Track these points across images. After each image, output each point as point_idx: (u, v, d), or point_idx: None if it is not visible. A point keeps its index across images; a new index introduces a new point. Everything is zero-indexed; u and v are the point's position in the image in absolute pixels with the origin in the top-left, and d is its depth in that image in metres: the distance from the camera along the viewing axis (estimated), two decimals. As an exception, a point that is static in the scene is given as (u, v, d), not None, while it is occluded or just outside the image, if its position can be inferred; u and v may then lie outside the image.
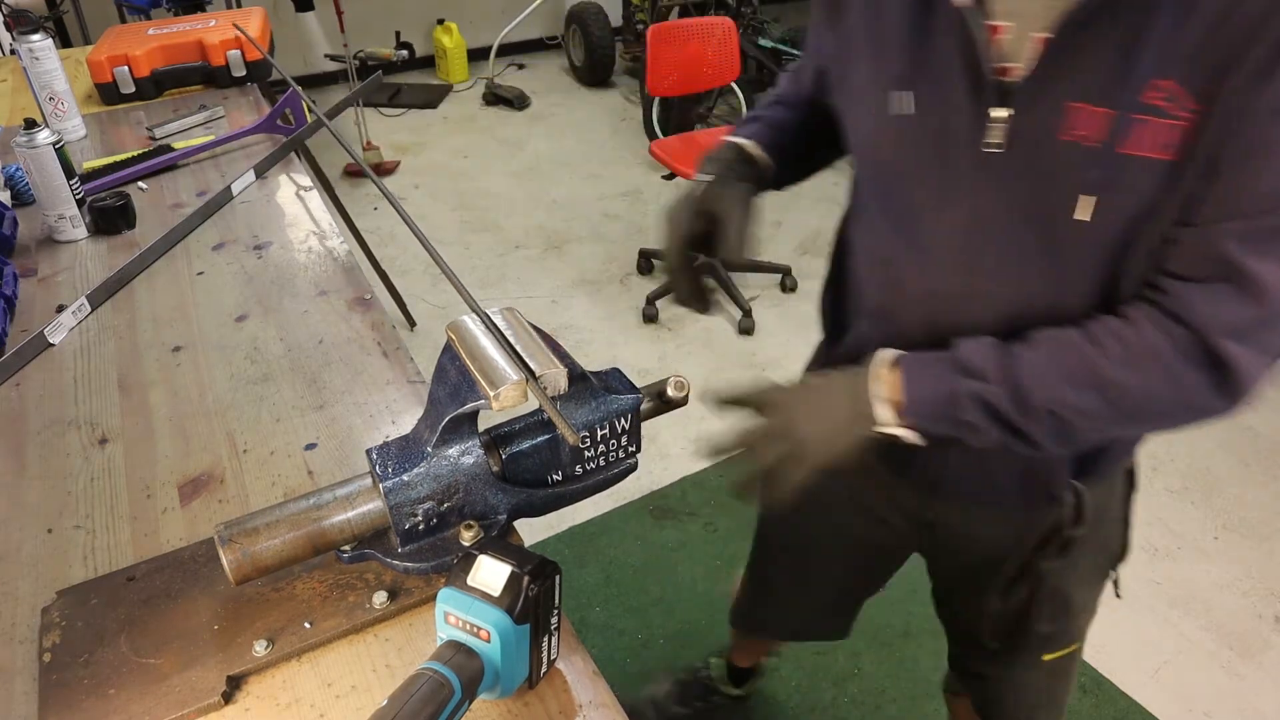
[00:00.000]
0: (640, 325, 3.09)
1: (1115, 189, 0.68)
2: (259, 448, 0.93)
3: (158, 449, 0.93)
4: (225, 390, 1.02)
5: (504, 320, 0.76)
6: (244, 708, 0.66)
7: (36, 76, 1.65)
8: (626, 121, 4.89)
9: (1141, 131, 0.65)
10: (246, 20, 2.06)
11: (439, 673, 0.59)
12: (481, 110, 5.12)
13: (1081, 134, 0.67)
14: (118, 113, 1.92)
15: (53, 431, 0.96)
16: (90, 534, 0.83)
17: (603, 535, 2.22)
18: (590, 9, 5.22)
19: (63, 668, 0.68)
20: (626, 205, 3.97)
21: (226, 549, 0.69)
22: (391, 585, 0.74)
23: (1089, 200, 0.68)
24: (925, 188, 0.79)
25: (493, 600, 0.61)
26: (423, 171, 4.33)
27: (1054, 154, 0.70)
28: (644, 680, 1.80)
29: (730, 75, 3.31)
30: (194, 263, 1.29)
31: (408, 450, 0.74)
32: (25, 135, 1.27)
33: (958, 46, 0.72)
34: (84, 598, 0.74)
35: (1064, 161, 0.69)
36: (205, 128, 1.80)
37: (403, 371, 1.03)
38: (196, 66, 2.00)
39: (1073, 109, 0.67)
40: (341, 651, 0.70)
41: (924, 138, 0.77)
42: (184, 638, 0.71)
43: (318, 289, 1.21)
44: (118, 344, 1.11)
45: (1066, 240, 0.72)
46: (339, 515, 0.73)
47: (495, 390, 0.67)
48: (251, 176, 1.53)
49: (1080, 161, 0.68)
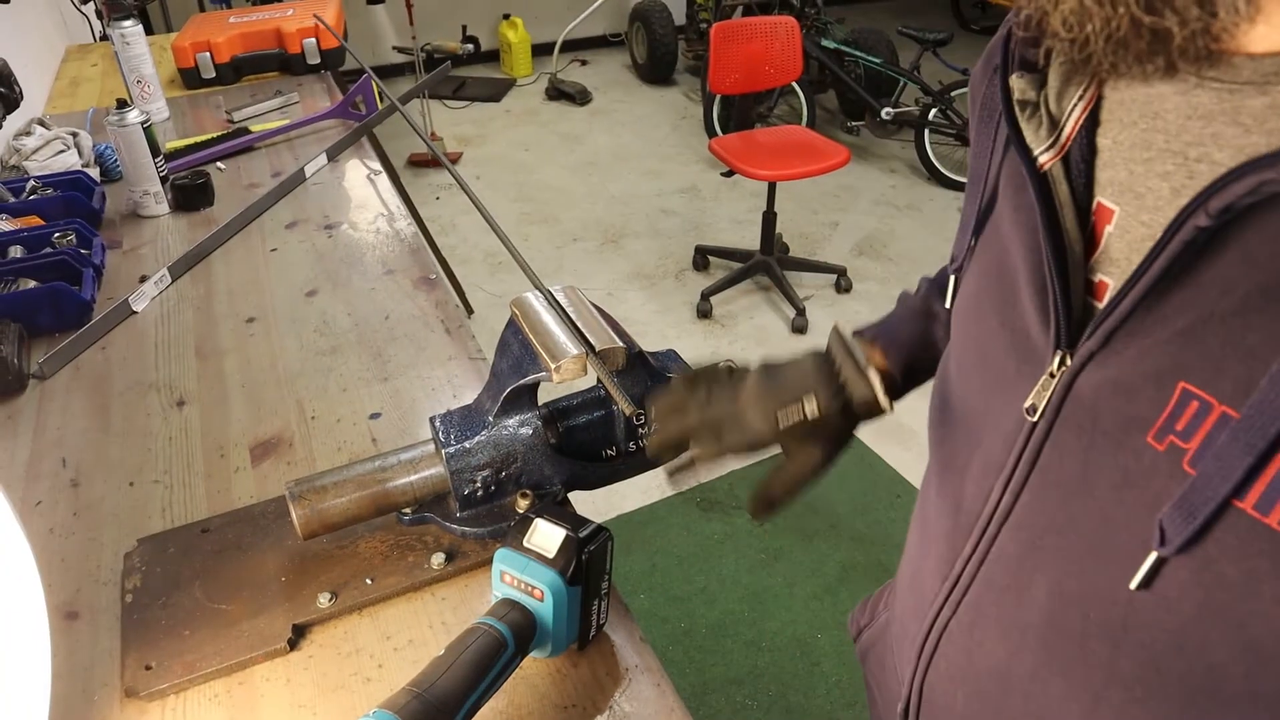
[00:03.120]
0: (694, 320, 3.11)
1: (1209, 564, 0.39)
2: (326, 415, 0.97)
3: (231, 413, 0.98)
4: (295, 360, 1.06)
5: (565, 297, 0.78)
6: (307, 655, 0.70)
7: (126, 60, 1.73)
8: (687, 119, 4.90)
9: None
10: (322, 10, 2.13)
11: (494, 627, 0.61)
12: (543, 104, 5.18)
13: (1183, 444, 0.39)
14: (198, 96, 1.99)
15: (135, 393, 1.01)
16: (168, 488, 0.87)
17: (650, 524, 2.24)
18: (654, 7, 5.25)
19: (142, 609, 0.73)
20: (684, 202, 3.98)
21: (296, 504, 0.73)
22: (449, 548, 0.77)
23: (1151, 561, 0.41)
24: (966, 426, 0.56)
25: (547, 561, 0.64)
26: (484, 163, 4.40)
27: (1124, 463, 0.42)
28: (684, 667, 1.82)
29: (792, 75, 3.31)
30: (268, 239, 1.35)
31: (470, 419, 0.77)
32: (117, 114, 1.33)
33: (1029, 231, 0.47)
34: (162, 546, 0.79)
35: (1134, 483, 0.42)
36: (280, 112, 1.87)
37: (464, 348, 1.07)
38: (274, 54, 2.07)
39: (1185, 393, 0.39)
40: (400, 607, 0.74)
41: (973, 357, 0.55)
42: (253, 587, 0.74)
43: (384, 268, 1.25)
44: (195, 313, 1.16)
45: (1113, 619, 0.44)
46: (402, 478, 0.76)
47: (556, 363, 0.70)
48: (324, 160, 1.58)
49: (1168, 490, 0.40)
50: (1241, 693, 0.40)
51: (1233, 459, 0.36)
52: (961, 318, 0.57)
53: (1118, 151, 0.43)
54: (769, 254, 3.21)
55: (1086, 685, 0.47)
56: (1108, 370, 0.42)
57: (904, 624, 0.67)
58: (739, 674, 1.88)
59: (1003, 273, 0.51)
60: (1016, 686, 0.52)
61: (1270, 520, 0.36)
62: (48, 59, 2.31)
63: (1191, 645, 0.41)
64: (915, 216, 3.79)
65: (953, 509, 0.56)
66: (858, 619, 0.86)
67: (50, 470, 0.90)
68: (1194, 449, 0.38)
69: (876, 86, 4.16)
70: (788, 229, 3.62)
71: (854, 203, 3.92)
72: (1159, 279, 0.39)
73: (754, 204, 3.88)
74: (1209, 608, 0.39)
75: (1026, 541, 0.49)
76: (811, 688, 1.85)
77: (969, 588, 0.54)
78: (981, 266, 0.54)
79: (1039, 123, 0.47)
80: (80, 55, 2.41)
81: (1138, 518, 0.41)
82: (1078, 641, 0.47)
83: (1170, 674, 0.42)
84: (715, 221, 3.81)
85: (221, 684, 0.68)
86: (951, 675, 0.58)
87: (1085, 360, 0.43)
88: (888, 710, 0.72)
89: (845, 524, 2.24)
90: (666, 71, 5.36)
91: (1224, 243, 0.37)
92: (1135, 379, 0.41)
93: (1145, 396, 0.40)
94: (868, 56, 4.12)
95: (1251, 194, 0.35)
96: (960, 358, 0.57)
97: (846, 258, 3.48)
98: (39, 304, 1.10)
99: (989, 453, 0.52)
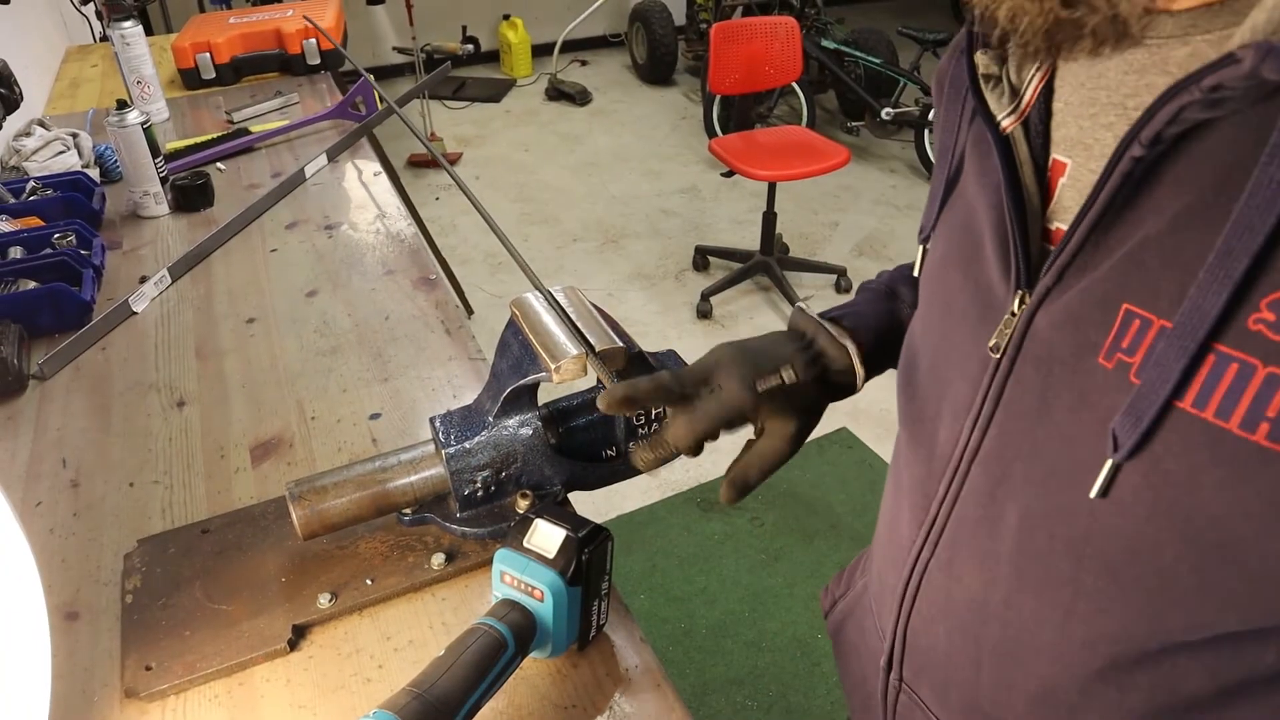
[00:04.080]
0: (694, 321, 3.11)
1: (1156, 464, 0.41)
2: (326, 415, 0.97)
3: (231, 413, 0.98)
4: (295, 360, 1.06)
5: (565, 298, 0.78)
6: (308, 655, 0.70)
7: (126, 61, 1.73)
8: (686, 119, 4.90)
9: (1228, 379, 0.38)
10: (322, 11, 2.13)
11: (494, 628, 0.61)
12: (543, 105, 5.18)
13: (1129, 359, 0.42)
14: (198, 97, 1.99)
15: (135, 393, 1.01)
16: (168, 489, 0.87)
17: (650, 525, 2.24)
18: (654, 7, 5.25)
19: (142, 609, 0.73)
20: (684, 202, 3.98)
21: (296, 504, 0.73)
22: (449, 548, 0.77)
23: (1107, 469, 0.43)
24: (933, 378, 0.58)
25: (547, 562, 0.64)
26: (484, 163, 4.40)
27: (1079, 384, 0.45)
28: (684, 668, 1.82)
29: (792, 75, 3.31)
30: (268, 240, 1.35)
31: (469, 419, 0.77)
32: (117, 115, 1.33)
33: (992, 189, 0.51)
34: (162, 546, 0.79)
35: (1088, 400, 0.44)
36: (280, 113, 1.87)
37: (464, 349, 1.07)
38: (273, 54, 2.07)
39: (1128, 313, 0.42)
40: (400, 608, 0.74)
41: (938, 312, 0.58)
42: (253, 587, 0.74)
43: (384, 268, 1.25)
44: (195, 314, 1.16)
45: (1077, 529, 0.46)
46: (402, 478, 0.76)
47: (556, 363, 0.70)
48: (324, 160, 1.59)
49: (1118, 403, 0.42)
50: (1191, 588, 0.43)
51: (1169, 363, 0.39)
52: (928, 281, 0.61)
53: (1069, 111, 0.48)
54: (769, 254, 3.21)
55: (1056, 602, 0.49)
56: (1061, 303, 0.46)
57: (883, 578, 0.68)
58: (739, 674, 1.88)
59: (968, 232, 0.54)
60: (993, 614, 0.54)
61: (1206, 414, 0.39)
62: (48, 60, 2.31)
63: (1145, 548, 0.44)
64: (915, 217, 3.79)
65: (926, 457, 0.59)
66: (832, 592, 0.86)
67: (50, 471, 0.90)
68: (1138, 362, 0.42)
69: (876, 87, 4.16)
70: (788, 229, 3.63)
71: (854, 203, 3.93)
72: (1103, 213, 0.43)
73: (754, 204, 3.88)
74: (1158, 508, 0.42)
75: (995, 473, 0.51)
76: (812, 688, 1.85)
77: (945, 527, 0.57)
78: (948, 231, 0.58)
79: (1001, 92, 0.51)
80: (80, 56, 2.42)
81: (1094, 433, 0.44)
82: (1045, 560, 0.49)
83: (1127, 580, 0.45)
84: (715, 222, 3.81)
85: (221, 684, 0.68)
86: (932, 615, 0.60)
87: (1042, 297, 0.47)
88: (869, 669, 0.72)
89: (845, 524, 2.24)
90: (666, 72, 5.36)
91: (1157, 173, 0.41)
92: (1084, 308, 0.45)
93: (1093, 321, 0.44)
94: (867, 57, 4.12)
95: (1174, 122, 0.39)
96: (926, 316, 0.60)
97: (846, 258, 3.48)
98: (39, 305, 1.10)
99: (957, 396, 0.54)
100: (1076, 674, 0.50)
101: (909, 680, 0.65)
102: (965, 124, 0.55)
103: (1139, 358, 0.42)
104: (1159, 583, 0.44)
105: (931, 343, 0.59)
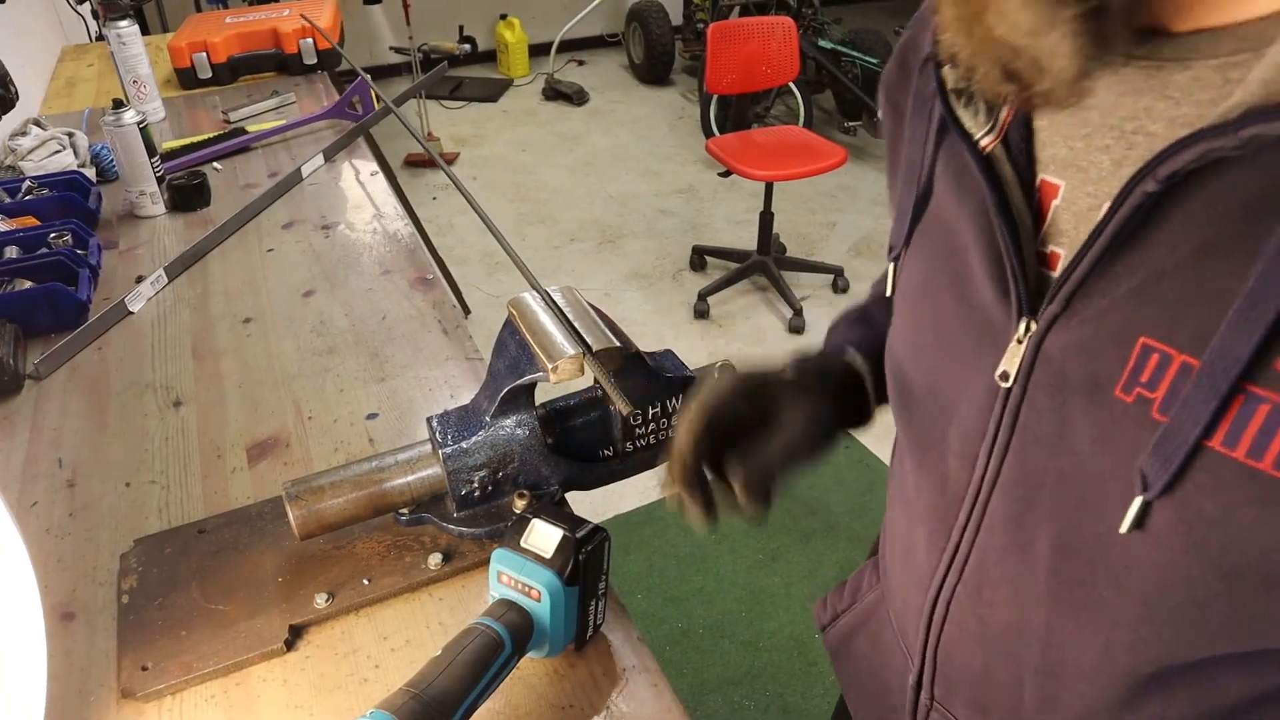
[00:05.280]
0: (691, 321, 3.11)
1: (1188, 502, 0.41)
2: (323, 415, 0.97)
3: (228, 413, 0.97)
4: (292, 360, 1.06)
5: (563, 298, 0.78)
6: (304, 655, 0.70)
7: (122, 61, 1.73)
8: (684, 119, 4.90)
9: (1259, 419, 0.38)
10: (319, 10, 2.13)
11: (491, 628, 0.61)
12: (541, 105, 5.18)
13: (1149, 394, 0.41)
14: (195, 97, 1.99)
15: (131, 393, 1.01)
16: (164, 489, 0.87)
17: (648, 525, 2.24)
18: (651, 7, 5.25)
19: (139, 609, 0.72)
20: (681, 202, 3.98)
21: (293, 505, 0.73)
22: (446, 548, 0.77)
23: (1137, 506, 0.42)
24: (934, 403, 0.56)
25: (544, 562, 0.64)
26: (481, 164, 4.40)
27: (1097, 418, 0.44)
28: (681, 668, 1.82)
29: (789, 75, 3.31)
30: (264, 240, 1.34)
31: (467, 419, 0.77)
32: (113, 114, 1.33)
33: (977, 211, 0.49)
34: (159, 547, 0.79)
35: (1109, 435, 0.43)
36: (277, 113, 1.87)
37: (461, 349, 1.07)
38: (270, 54, 2.07)
39: (1149, 348, 0.41)
40: (397, 608, 0.74)
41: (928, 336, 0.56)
42: (250, 587, 0.74)
43: (381, 268, 1.25)
44: (192, 314, 1.16)
45: (1112, 563, 0.46)
46: (399, 478, 0.76)
47: (553, 363, 0.70)
48: (320, 160, 1.58)
49: (1142, 439, 0.41)
50: (1231, 618, 0.42)
51: (1198, 404, 0.39)
52: (909, 303, 0.59)
53: (1055, 130, 0.47)
54: (766, 254, 3.21)
55: (1097, 629, 0.49)
56: (1071, 332, 0.45)
57: (904, 598, 0.66)
58: (736, 674, 1.88)
59: (950, 253, 0.53)
60: (1033, 638, 0.53)
61: (1237, 454, 0.38)
62: (44, 59, 2.31)
63: (1181, 581, 0.43)
64: (912, 217, 3.79)
65: (938, 483, 0.57)
66: (833, 605, 0.84)
67: (46, 471, 0.90)
68: (1160, 398, 0.41)
69: (873, 87, 4.14)
70: (785, 229, 3.63)
71: (851, 203, 3.93)
72: (1110, 243, 0.42)
73: (751, 204, 3.88)
74: (1192, 542, 0.41)
75: (1020, 500, 0.50)
76: (809, 688, 1.85)
77: (969, 555, 0.55)
78: (925, 251, 0.56)
79: (975, 110, 0.49)
80: (76, 55, 2.41)
81: (1119, 466, 0.43)
82: (1084, 588, 0.48)
83: (1165, 609, 0.44)
84: (712, 222, 3.81)
85: (218, 684, 0.68)
86: (965, 639, 0.59)
87: (1049, 324, 0.46)
88: (892, 683, 0.71)
89: (843, 525, 2.25)
90: (664, 72, 5.36)
91: (1168, 206, 0.40)
92: (1096, 338, 0.44)
93: (1108, 354, 0.43)
94: (865, 57, 4.13)
95: (1196, 160, 0.37)
96: (912, 339, 0.58)
97: (844, 258, 3.49)
98: (35, 304, 1.10)
99: (966, 423, 0.53)
100: (1120, 691, 0.50)
101: (941, 699, 0.64)
102: (932, 139, 0.53)
103: (1161, 393, 0.41)
104: (1199, 614, 0.43)
105: (925, 367, 0.57)
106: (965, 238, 0.51)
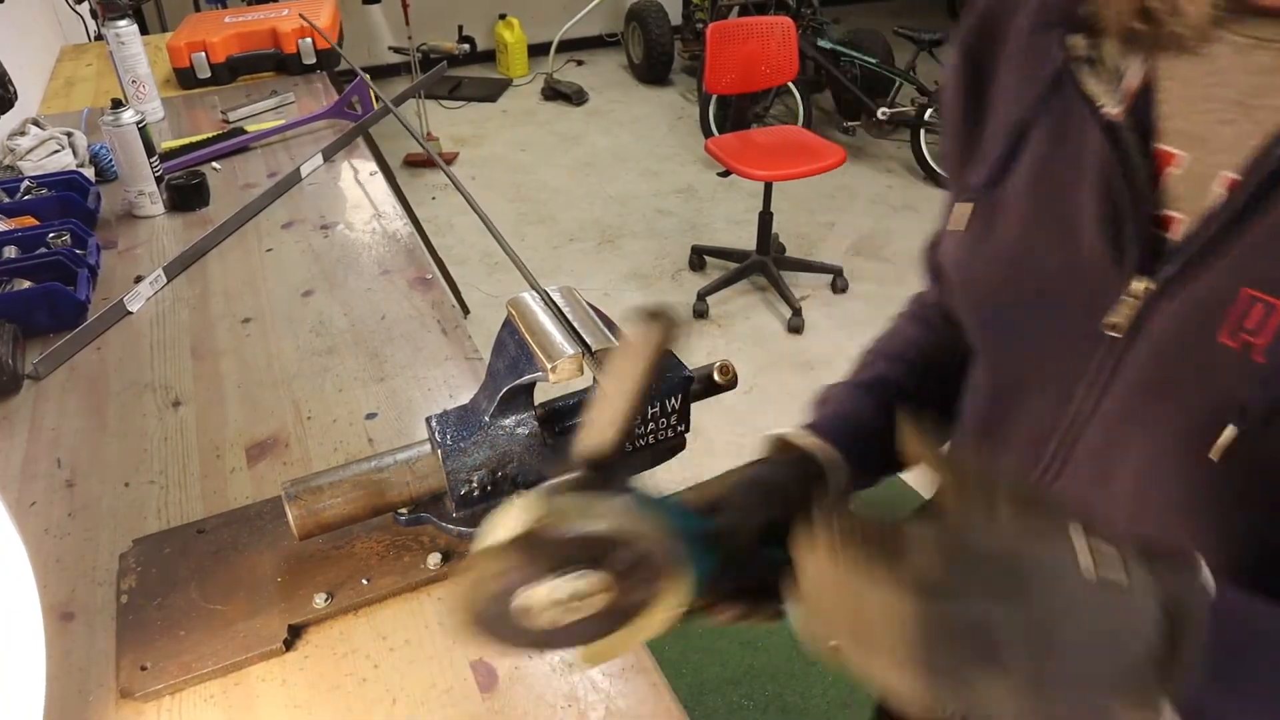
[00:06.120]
0: (690, 320, 3.11)
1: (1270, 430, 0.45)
2: (322, 415, 0.97)
3: (227, 413, 0.97)
4: (291, 360, 1.06)
5: (562, 297, 0.78)
6: (303, 655, 0.70)
7: (121, 60, 1.73)
8: (683, 119, 4.90)
9: None
10: (318, 10, 2.12)
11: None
12: (540, 105, 5.18)
13: (1253, 340, 0.45)
14: (194, 97, 1.99)
15: (130, 393, 1.01)
16: (164, 489, 0.87)
17: (646, 525, 2.24)
18: (650, 7, 5.25)
19: (138, 609, 0.72)
20: (681, 202, 3.99)
21: (292, 505, 0.73)
22: (445, 548, 0.77)
23: (1230, 435, 0.46)
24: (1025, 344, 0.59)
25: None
26: (481, 163, 4.40)
27: (1201, 361, 0.48)
28: (680, 667, 1.82)
29: (788, 75, 3.32)
30: (264, 240, 1.34)
31: (466, 419, 0.77)
32: (112, 114, 1.33)
33: (1096, 175, 0.52)
34: (158, 547, 0.79)
35: (1212, 375, 0.47)
36: (276, 112, 1.87)
37: (461, 349, 1.07)
38: (269, 54, 2.07)
39: (1249, 298, 0.45)
40: (396, 608, 0.74)
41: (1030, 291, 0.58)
42: (249, 587, 0.74)
43: (381, 268, 1.25)
44: (191, 314, 1.16)
45: (1197, 483, 0.49)
46: (399, 478, 0.76)
47: (552, 363, 0.70)
48: (319, 160, 1.58)
49: (1238, 378, 0.46)
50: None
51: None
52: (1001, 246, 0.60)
53: (1179, 104, 0.50)
54: (765, 254, 3.21)
55: None
56: (1185, 288, 0.48)
57: None
58: (735, 673, 1.88)
59: (1057, 208, 0.55)
60: None
61: None
62: (43, 59, 2.31)
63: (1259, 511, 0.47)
64: (911, 217, 3.80)
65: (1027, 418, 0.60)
66: None
67: (45, 471, 0.90)
68: (1264, 343, 0.44)
69: (872, 87, 4.16)
70: (784, 229, 3.63)
71: (850, 203, 3.93)
72: (1242, 210, 0.45)
73: (750, 204, 3.87)
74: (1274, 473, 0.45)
75: (1108, 439, 0.54)
76: (808, 687, 1.85)
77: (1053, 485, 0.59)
78: (1025, 201, 0.58)
79: (1102, 78, 0.52)
80: (75, 55, 2.41)
81: (1216, 401, 0.47)
82: (1162, 516, 0.51)
83: (1237, 541, 0.48)
84: (712, 222, 3.81)
85: (217, 684, 0.68)
86: None
87: (1164, 283, 0.49)
88: None
89: (842, 524, 2.24)
90: (663, 72, 5.36)
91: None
92: (1208, 292, 0.47)
93: (1214, 303, 0.47)
94: (864, 56, 4.13)
95: None
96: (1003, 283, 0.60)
97: (843, 258, 3.49)
98: (34, 304, 1.09)
99: (1064, 369, 0.56)
100: None
101: None
102: (1041, 98, 0.56)
103: (1264, 339, 0.44)
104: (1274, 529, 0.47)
105: (1018, 311, 0.59)
106: (1080, 196, 0.54)
